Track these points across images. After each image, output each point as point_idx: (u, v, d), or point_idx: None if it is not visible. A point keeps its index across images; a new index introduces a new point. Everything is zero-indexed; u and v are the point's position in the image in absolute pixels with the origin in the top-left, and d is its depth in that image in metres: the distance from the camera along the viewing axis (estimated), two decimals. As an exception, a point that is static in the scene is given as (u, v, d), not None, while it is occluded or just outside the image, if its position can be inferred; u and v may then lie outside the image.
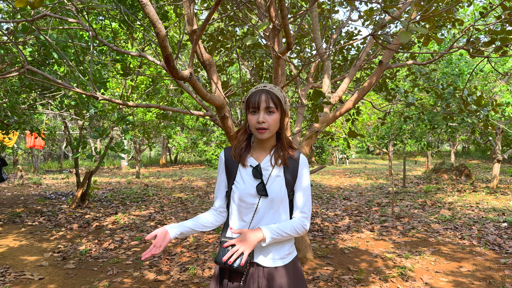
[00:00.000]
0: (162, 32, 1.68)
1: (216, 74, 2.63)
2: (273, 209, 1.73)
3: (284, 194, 1.74)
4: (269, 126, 1.67)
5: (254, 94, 1.68)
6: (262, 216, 1.73)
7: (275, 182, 1.74)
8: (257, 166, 1.74)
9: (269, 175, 1.74)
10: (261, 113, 1.67)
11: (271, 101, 1.67)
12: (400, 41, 2.01)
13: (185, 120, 19.64)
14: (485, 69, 9.63)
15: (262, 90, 1.69)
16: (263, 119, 1.66)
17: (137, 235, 5.98)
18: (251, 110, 1.69)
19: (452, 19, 5.01)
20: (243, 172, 1.77)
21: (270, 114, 1.68)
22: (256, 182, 1.73)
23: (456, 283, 3.91)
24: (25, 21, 2.41)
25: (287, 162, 1.76)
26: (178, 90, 10.38)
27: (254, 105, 1.67)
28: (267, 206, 1.73)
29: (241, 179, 1.76)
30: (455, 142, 18.81)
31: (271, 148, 1.79)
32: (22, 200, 9.46)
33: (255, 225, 1.73)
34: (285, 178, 1.76)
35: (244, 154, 1.78)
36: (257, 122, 1.67)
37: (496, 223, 6.48)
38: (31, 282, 4.06)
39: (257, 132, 1.69)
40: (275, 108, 1.68)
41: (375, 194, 10.38)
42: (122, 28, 6.38)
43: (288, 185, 1.76)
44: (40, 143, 17.09)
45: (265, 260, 1.73)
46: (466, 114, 5.65)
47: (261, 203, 1.72)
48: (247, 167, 1.77)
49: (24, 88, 5.91)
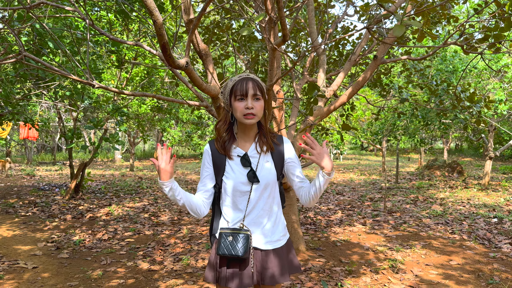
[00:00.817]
0: (159, 20, 1.70)
1: (212, 64, 2.65)
2: (266, 194, 1.78)
3: (274, 178, 1.80)
4: (256, 112, 1.72)
5: (241, 81, 1.72)
6: (256, 202, 1.77)
7: (264, 168, 1.79)
8: (244, 155, 1.78)
9: (258, 162, 1.79)
10: (249, 99, 1.71)
11: (258, 88, 1.73)
12: (394, 34, 2.04)
13: (180, 114, 19.60)
14: (479, 66, 9.70)
15: (248, 78, 1.73)
16: (251, 105, 1.70)
17: (131, 226, 6.00)
18: (238, 98, 1.72)
19: (447, 15, 5.05)
20: (232, 162, 1.80)
21: (257, 101, 1.73)
22: (246, 171, 1.77)
23: (446, 275, 3.98)
24: (21, 9, 2.41)
25: (272, 148, 1.82)
26: (173, 83, 10.37)
27: (242, 92, 1.70)
28: (260, 192, 1.77)
29: (231, 169, 1.79)
30: (448, 139, 18.94)
31: (254, 136, 1.84)
32: (15, 191, 9.44)
33: (251, 211, 1.78)
34: (273, 162, 1.81)
35: (228, 146, 1.81)
36: (246, 108, 1.70)
37: (487, 218, 6.57)
38: (25, 270, 4.08)
39: (245, 118, 1.72)
40: (261, 95, 1.73)
41: (368, 190, 10.46)
42: (118, 19, 6.36)
43: (277, 168, 1.82)
44: (33, 134, 17.00)
45: (262, 244, 1.78)
46: (459, 110, 5.71)
47: (253, 190, 1.77)
48: (234, 157, 1.80)
49: (18, 78, 5.88)
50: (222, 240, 1.74)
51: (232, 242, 1.71)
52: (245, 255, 1.69)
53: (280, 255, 1.81)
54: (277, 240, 1.82)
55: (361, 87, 4.52)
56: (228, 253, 1.70)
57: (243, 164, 1.78)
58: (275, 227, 1.83)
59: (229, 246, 1.71)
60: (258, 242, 1.78)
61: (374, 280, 3.82)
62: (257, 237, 1.79)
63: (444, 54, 9.01)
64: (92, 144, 6.63)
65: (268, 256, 1.78)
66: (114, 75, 12.20)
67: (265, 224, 1.80)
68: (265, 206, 1.79)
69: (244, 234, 1.72)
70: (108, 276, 3.93)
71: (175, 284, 3.71)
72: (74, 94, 6.20)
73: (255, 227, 1.78)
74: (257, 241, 1.78)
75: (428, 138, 18.18)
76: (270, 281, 1.75)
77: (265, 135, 1.82)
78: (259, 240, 1.78)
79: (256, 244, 1.78)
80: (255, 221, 1.78)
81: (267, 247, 1.79)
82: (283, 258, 1.81)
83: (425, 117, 8.66)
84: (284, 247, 1.85)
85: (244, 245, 1.69)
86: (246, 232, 1.73)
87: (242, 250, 1.69)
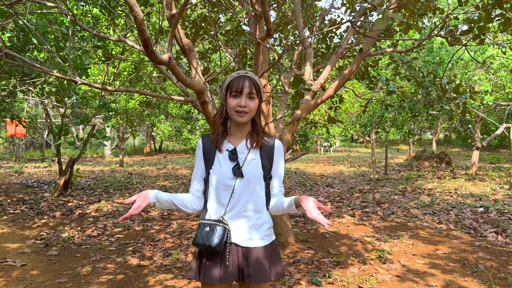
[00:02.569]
0: (139, 16, 1.69)
1: (196, 59, 2.65)
2: (249, 190, 1.79)
3: (260, 175, 1.81)
4: (249, 110, 1.74)
5: (238, 79, 1.74)
6: (239, 197, 1.78)
7: (251, 164, 1.81)
8: (233, 150, 1.81)
9: (245, 158, 1.81)
10: (243, 97, 1.73)
11: (254, 87, 1.74)
12: (376, 27, 2.06)
13: (169, 108, 19.53)
14: (465, 57, 9.79)
15: (245, 76, 1.75)
16: (245, 103, 1.72)
17: (120, 222, 5.99)
18: (233, 94, 1.74)
19: (433, 7, 5.09)
20: (220, 156, 1.83)
21: (251, 100, 1.75)
22: (232, 165, 1.80)
23: (432, 264, 4.04)
24: (2, 5, 2.38)
25: (261, 145, 1.84)
26: (161, 77, 10.32)
27: (237, 89, 1.72)
28: (243, 187, 1.79)
29: (218, 163, 1.82)
30: (436, 130, 19.13)
31: (247, 133, 1.86)
32: (3, 188, 9.35)
33: (233, 207, 1.79)
34: (261, 161, 1.83)
35: (220, 140, 1.83)
36: (239, 106, 1.72)
37: (473, 208, 6.67)
38: (14, 268, 4.06)
39: (236, 115, 1.74)
40: (256, 94, 1.75)
41: (358, 181, 10.54)
42: (104, 14, 6.30)
43: (264, 168, 1.83)
44: (21, 131, 16.80)
45: (243, 241, 1.79)
46: (445, 101, 5.77)
47: (237, 185, 1.78)
48: (223, 151, 1.83)
49: (3, 75, 5.81)
50: (199, 230, 1.75)
51: (208, 232, 1.72)
52: (218, 247, 1.69)
53: (262, 255, 1.80)
54: (259, 239, 1.81)
55: (348, 80, 4.55)
56: (202, 243, 1.71)
57: (230, 158, 1.80)
58: (258, 226, 1.82)
59: (205, 236, 1.72)
60: (238, 238, 1.78)
61: (361, 271, 3.87)
62: (238, 233, 1.79)
63: (431, 46, 9.07)
64: (79, 140, 6.59)
65: (249, 254, 1.78)
66: (102, 70, 12.10)
67: (247, 221, 1.80)
68: (248, 203, 1.79)
69: (222, 227, 1.73)
70: (97, 272, 3.94)
71: (165, 279, 3.73)
72: (61, 90, 6.15)
73: (236, 223, 1.79)
74: (237, 237, 1.79)
75: (416, 129, 18.34)
76: (248, 280, 1.76)
77: (257, 132, 1.84)
78: (239, 236, 1.79)
79: (236, 240, 1.78)
80: (237, 217, 1.79)
81: (247, 244, 1.79)
82: (266, 259, 1.80)
83: (413, 108, 8.73)
84: (268, 248, 1.83)
85: (219, 237, 1.70)
86: (224, 225, 1.74)
87: (216, 241, 1.69)
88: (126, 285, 3.62)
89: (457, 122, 12.76)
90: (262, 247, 1.81)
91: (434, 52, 9.04)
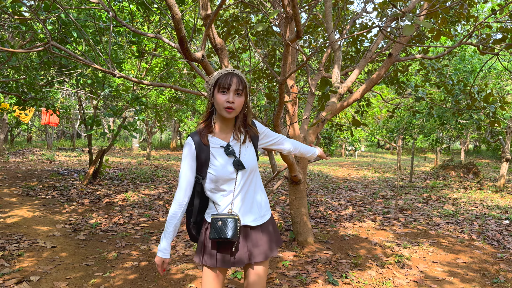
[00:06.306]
0: (177, 15, 1.81)
1: (227, 58, 2.75)
2: (250, 178, 1.93)
3: (256, 161, 1.97)
4: (236, 107, 1.83)
5: (226, 76, 1.82)
6: (242, 186, 1.91)
7: (246, 154, 1.93)
8: (227, 145, 1.90)
9: (240, 150, 1.92)
10: (231, 94, 1.81)
11: (241, 84, 1.83)
12: (404, 34, 2.11)
13: (197, 105, 19.80)
14: (498, 67, 9.58)
15: (233, 74, 1.83)
16: (232, 99, 1.81)
17: (146, 212, 6.18)
18: (221, 90, 1.82)
19: (466, 15, 5.05)
20: (215, 153, 1.90)
21: (238, 96, 1.83)
22: (231, 160, 1.89)
23: (451, 273, 4.03)
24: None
25: (250, 137, 1.98)
26: (191, 74, 10.52)
27: (224, 86, 1.81)
28: (246, 177, 1.92)
29: (216, 160, 1.89)
30: (465, 139, 18.71)
31: (233, 127, 1.95)
32: (36, 174, 9.75)
33: (238, 195, 1.91)
34: (253, 146, 1.98)
35: (204, 133, 1.91)
36: (227, 101, 1.81)
37: (498, 220, 6.56)
38: (44, 249, 4.28)
39: (225, 111, 1.83)
40: (242, 91, 1.84)
41: (381, 187, 10.47)
42: (139, 10, 6.51)
43: (256, 153, 2.00)
44: (54, 120, 17.41)
45: (251, 221, 1.94)
46: (474, 110, 5.70)
47: (239, 176, 1.90)
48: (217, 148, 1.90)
49: (42, 65, 6.09)
50: (212, 226, 1.86)
51: (221, 226, 1.83)
52: (233, 238, 1.81)
53: (267, 230, 1.98)
54: (263, 216, 1.98)
55: (375, 84, 4.57)
56: (218, 236, 1.82)
57: (227, 153, 1.89)
58: (260, 204, 1.99)
59: (219, 230, 1.82)
60: (247, 220, 1.92)
61: (379, 274, 3.90)
62: (247, 216, 1.93)
63: (463, 53, 8.93)
64: (111, 131, 6.82)
65: (257, 233, 1.94)
66: (134, 65, 12.42)
67: (252, 204, 1.94)
68: (250, 188, 1.94)
69: (232, 218, 1.84)
70: (122, 258, 4.11)
71: (186, 268, 3.86)
72: (95, 83, 6.39)
73: (243, 209, 1.92)
74: (246, 220, 1.92)
75: (445, 138, 18.00)
76: (263, 257, 1.91)
77: (242, 126, 1.95)
78: (248, 218, 1.93)
79: (246, 222, 1.92)
80: (243, 203, 1.92)
81: (256, 223, 1.94)
82: (271, 233, 1.99)
83: (441, 116, 8.62)
84: (269, 222, 2.02)
85: (233, 228, 1.81)
86: (234, 216, 1.85)
87: (230, 232, 1.81)
88: (149, 271, 3.77)
89: (487, 132, 12.46)
90: (265, 222, 1.99)
91: (466, 60, 8.89)
